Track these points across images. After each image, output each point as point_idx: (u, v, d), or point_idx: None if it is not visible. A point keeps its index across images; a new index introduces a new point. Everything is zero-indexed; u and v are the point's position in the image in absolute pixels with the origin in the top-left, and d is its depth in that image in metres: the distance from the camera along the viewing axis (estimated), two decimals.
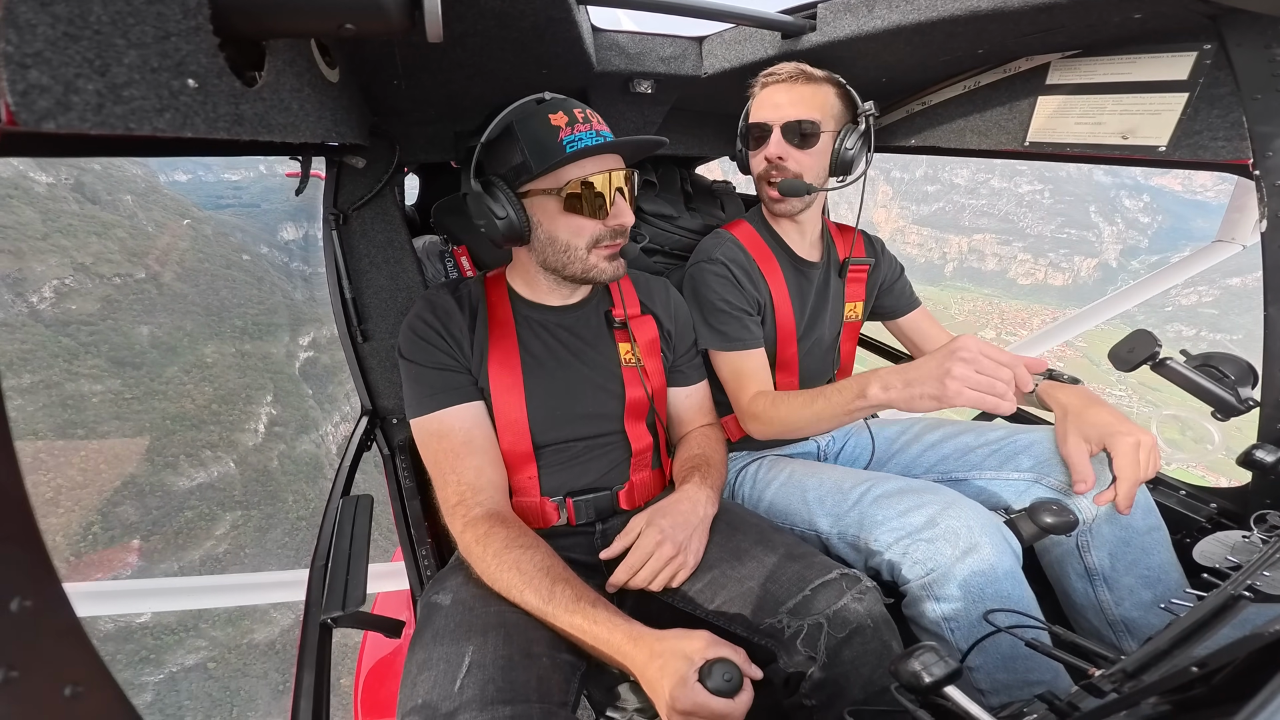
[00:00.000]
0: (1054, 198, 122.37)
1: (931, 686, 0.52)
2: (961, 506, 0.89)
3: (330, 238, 1.30)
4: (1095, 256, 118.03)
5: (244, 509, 23.82)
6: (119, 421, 22.45)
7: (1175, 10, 0.91)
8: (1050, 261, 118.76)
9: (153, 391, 24.69)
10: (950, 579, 0.85)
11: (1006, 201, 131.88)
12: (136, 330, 26.49)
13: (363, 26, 0.54)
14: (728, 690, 0.65)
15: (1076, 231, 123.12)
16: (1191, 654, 0.48)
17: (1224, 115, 0.99)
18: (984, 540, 0.85)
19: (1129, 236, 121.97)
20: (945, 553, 0.86)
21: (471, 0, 0.81)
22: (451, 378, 0.99)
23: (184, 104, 0.46)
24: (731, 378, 1.23)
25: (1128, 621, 0.96)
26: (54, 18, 0.35)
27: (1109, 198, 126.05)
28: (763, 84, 1.19)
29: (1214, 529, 1.04)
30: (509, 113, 0.91)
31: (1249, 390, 0.99)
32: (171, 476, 22.54)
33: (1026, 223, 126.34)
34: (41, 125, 0.34)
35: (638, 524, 0.93)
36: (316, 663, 0.77)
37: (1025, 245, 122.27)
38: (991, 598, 0.84)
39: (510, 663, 0.73)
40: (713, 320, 1.22)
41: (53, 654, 0.29)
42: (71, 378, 22.57)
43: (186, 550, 21.51)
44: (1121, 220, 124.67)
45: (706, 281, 1.23)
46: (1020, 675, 0.84)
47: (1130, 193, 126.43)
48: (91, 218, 29.37)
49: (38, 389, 21.59)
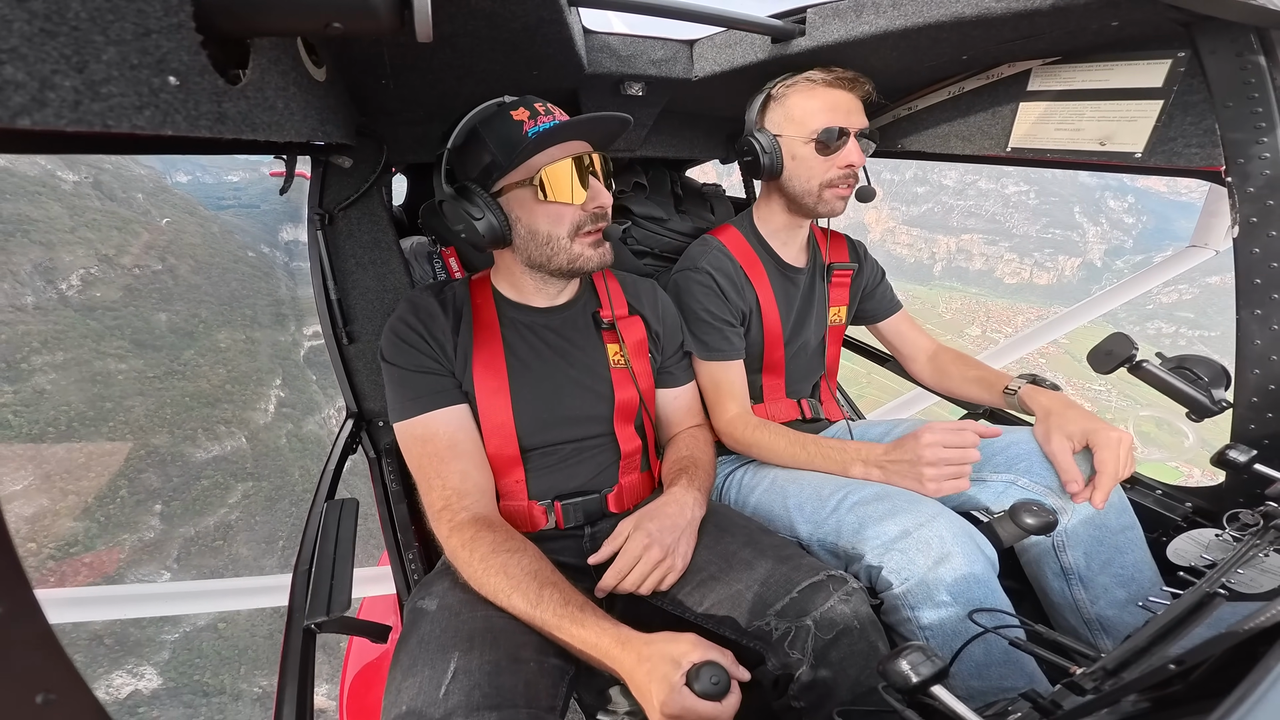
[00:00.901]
0: (1039, 199, 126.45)
1: (919, 686, 0.53)
2: (934, 515, 0.90)
3: (315, 238, 1.28)
4: (1079, 256, 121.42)
5: (255, 480, 26.52)
6: (142, 397, 25.25)
7: (1151, 18, 0.93)
8: (1035, 261, 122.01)
9: (172, 371, 27.91)
10: (925, 588, 0.86)
11: (993, 202, 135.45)
12: (156, 316, 30.05)
13: (351, 25, 0.53)
14: (715, 693, 0.65)
15: (1061, 232, 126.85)
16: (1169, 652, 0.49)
17: (1197, 122, 1.01)
18: (956, 550, 0.86)
19: (1114, 237, 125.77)
20: (919, 562, 0.87)
21: (462, 0, 0.80)
22: (435, 381, 0.98)
23: (164, 101, 0.45)
24: (710, 387, 1.25)
25: (1103, 620, 0.98)
26: (30, 14, 0.34)
27: (1094, 199, 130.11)
28: (824, 83, 1.15)
29: (1189, 528, 1.07)
30: (471, 117, 0.92)
31: (1222, 392, 1.02)
32: (189, 448, 25.40)
33: (1013, 223, 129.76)
34: (16, 122, 0.34)
35: (625, 528, 0.93)
36: (300, 669, 0.75)
37: (1011, 245, 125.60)
38: (965, 605, 0.85)
39: (497, 668, 0.72)
40: (695, 329, 1.24)
41: (24, 661, 0.28)
42: (99, 357, 25.72)
43: (203, 515, 23.91)
44: (1106, 221, 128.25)
45: (691, 290, 1.24)
46: (994, 682, 0.84)
47: (1115, 194, 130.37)
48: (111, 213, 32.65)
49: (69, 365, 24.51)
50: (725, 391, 1.24)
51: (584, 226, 0.96)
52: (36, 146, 0.48)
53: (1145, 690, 0.44)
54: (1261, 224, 0.92)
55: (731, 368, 1.24)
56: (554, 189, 0.93)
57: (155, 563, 21.96)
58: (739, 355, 1.25)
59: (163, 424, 24.85)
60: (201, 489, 24.39)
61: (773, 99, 1.20)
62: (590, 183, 0.95)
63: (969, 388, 1.34)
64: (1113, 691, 0.46)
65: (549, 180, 0.92)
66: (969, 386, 1.34)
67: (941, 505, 0.94)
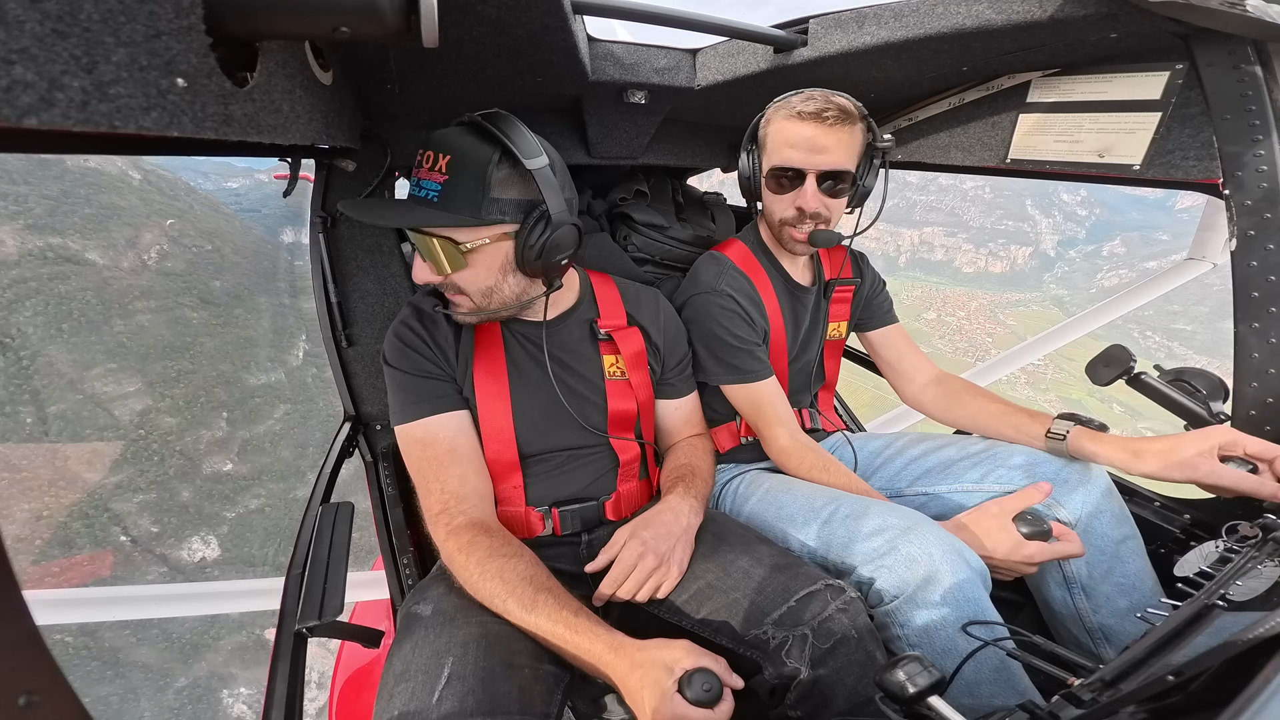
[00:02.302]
0: (994, 192, 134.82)
1: (915, 697, 0.52)
2: (920, 530, 0.88)
3: (317, 240, 1.29)
4: (1031, 246, 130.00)
5: (291, 404, 37.25)
6: (209, 337, 35.94)
7: (1149, 30, 0.94)
8: (990, 251, 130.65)
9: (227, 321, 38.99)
10: (913, 605, 0.85)
11: (952, 197, 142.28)
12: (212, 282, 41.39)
13: (358, 29, 0.54)
14: (707, 700, 0.65)
15: (1014, 223, 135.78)
16: (1168, 662, 0.49)
17: (1195, 135, 1.02)
18: (943, 566, 0.85)
19: (1067, 228, 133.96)
20: (906, 579, 0.86)
21: (468, 6, 0.81)
22: (436, 385, 0.98)
23: (171, 103, 0.45)
24: (751, 412, 1.22)
25: (1105, 629, 0.98)
26: (43, 14, 0.35)
27: (1047, 192, 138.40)
28: (797, 114, 1.07)
29: (1188, 539, 1.07)
30: None
31: (1220, 404, 1.02)
32: (245, 375, 36.29)
33: (970, 216, 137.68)
34: (23, 121, 0.34)
35: (621, 536, 0.93)
36: (290, 673, 0.75)
37: (969, 236, 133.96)
38: (954, 622, 0.83)
39: (491, 674, 0.72)
40: (724, 355, 1.19)
41: (7, 662, 0.28)
42: (178, 307, 36.87)
43: (256, 424, 33.62)
44: (1060, 213, 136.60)
45: (714, 315, 1.19)
46: (984, 700, 0.83)
47: (1068, 188, 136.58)
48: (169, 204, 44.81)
49: (158, 311, 35.94)
50: (770, 415, 1.18)
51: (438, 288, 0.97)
52: (43, 146, 0.49)
53: (1143, 701, 0.44)
54: (1259, 237, 0.93)
55: (768, 385, 1.20)
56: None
57: (221, 455, 30.35)
58: (771, 372, 1.22)
59: (225, 357, 35.06)
60: (254, 404, 34.56)
61: (764, 118, 1.15)
62: (416, 259, 0.94)
63: (989, 421, 1.20)
64: (1111, 703, 0.46)
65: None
66: (989, 420, 1.20)
67: (927, 519, 0.93)
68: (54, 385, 25.90)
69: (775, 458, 1.21)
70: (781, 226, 1.19)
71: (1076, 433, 1.02)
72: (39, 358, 25.73)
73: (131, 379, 29.17)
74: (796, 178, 1.11)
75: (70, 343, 27.62)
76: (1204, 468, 0.89)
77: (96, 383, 26.97)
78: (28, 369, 25.07)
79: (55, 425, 25.58)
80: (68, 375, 25.98)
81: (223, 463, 29.21)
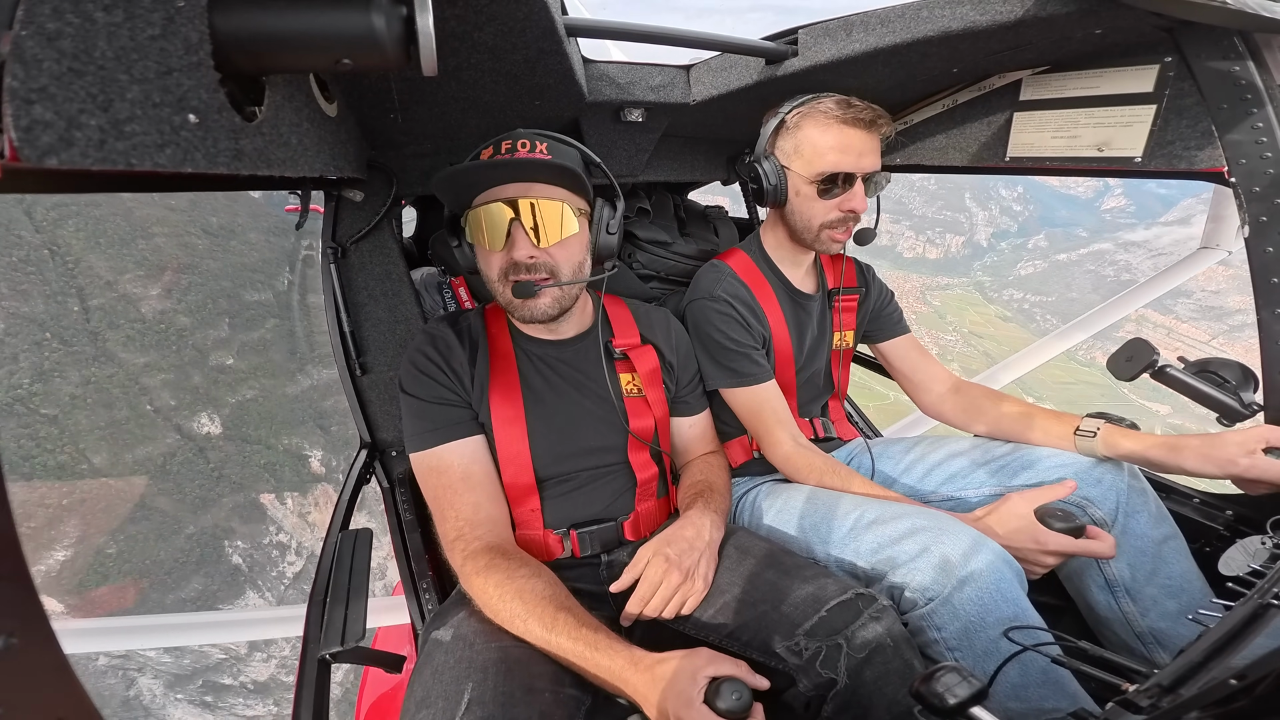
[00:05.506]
0: (937, 184, 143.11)
1: (957, 708, 0.50)
2: (951, 531, 0.86)
3: (329, 271, 1.31)
4: (964, 235, 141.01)
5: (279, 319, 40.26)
6: (212, 261, 38.35)
7: (1134, 24, 0.94)
8: (928, 238, 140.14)
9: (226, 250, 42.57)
10: (949, 607, 0.82)
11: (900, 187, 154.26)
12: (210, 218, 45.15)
13: (360, 61, 0.55)
14: (739, 709, 0.62)
15: (951, 214, 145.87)
16: (1229, 665, 0.46)
17: (1193, 125, 1.01)
18: (978, 564, 0.82)
19: (1001, 221, 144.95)
20: (941, 581, 0.83)
21: (465, 34, 0.83)
22: (452, 412, 0.98)
23: (185, 139, 0.46)
24: (751, 416, 1.21)
25: (1156, 633, 0.94)
26: (60, 53, 0.35)
27: (986, 186, 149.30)
28: (838, 119, 1.10)
29: (1232, 536, 1.02)
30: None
31: (1251, 394, 0.99)
32: (242, 292, 38.52)
33: (914, 204, 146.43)
34: (44, 161, 0.34)
35: (644, 554, 0.91)
36: (315, 700, 0.74)
37: (911, 224, 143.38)
38: (994, 623, 0.80)
39: (511, 699, 0.70)
40: (722, 359, 1.20)
41: (40, 691, 0.29)
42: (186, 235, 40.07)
43: (251, 331, 35.88)
44: (996, 207, 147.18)
45: (710, 320, 1.20)
46: (1033, 704, 0.79)
47: (1006, 184, 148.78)
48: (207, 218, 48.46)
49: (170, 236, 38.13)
50: (770, 419, 1.18)
51: (510, 275, 0.95)
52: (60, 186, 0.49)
53: (1207, 707, 0.41)
54: (1272, 222, 0.91)
55: (767, 389, 1.20)
56: (472, 232, 0.96)
57: (224, 351, 32.69)
58: (770, 376, 1.21)
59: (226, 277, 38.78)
60: (249, 315, 36.94)
61: (785, 126, 1.15)
62: (514, 230, 0.93)
63: (1012, 426, 1.18)
64: (1173, 709, 0.43)
65: (471, 224, 0.95)
66: (1012, 425, 1.18)
67: (955, 519, 0.90)
68: (94, 284, 29.75)
69: (779, 464, 1.19)
70: (821, 230, 1.18)
71: (1107, 430, 1.00)
72: (81, 263, 29.43)
73: (153, 286, 33.19)
74: (846, 181, 1.13)
75: (106, 253, 31.23)
76: (1244, 461, 0.87)
77: (128, 285, 30.96)
78: (72, 269, 28.68)
79: (95, 314, 29.00)
80: (105, 278, 30.00)
81: (225, 358, 32.73)
